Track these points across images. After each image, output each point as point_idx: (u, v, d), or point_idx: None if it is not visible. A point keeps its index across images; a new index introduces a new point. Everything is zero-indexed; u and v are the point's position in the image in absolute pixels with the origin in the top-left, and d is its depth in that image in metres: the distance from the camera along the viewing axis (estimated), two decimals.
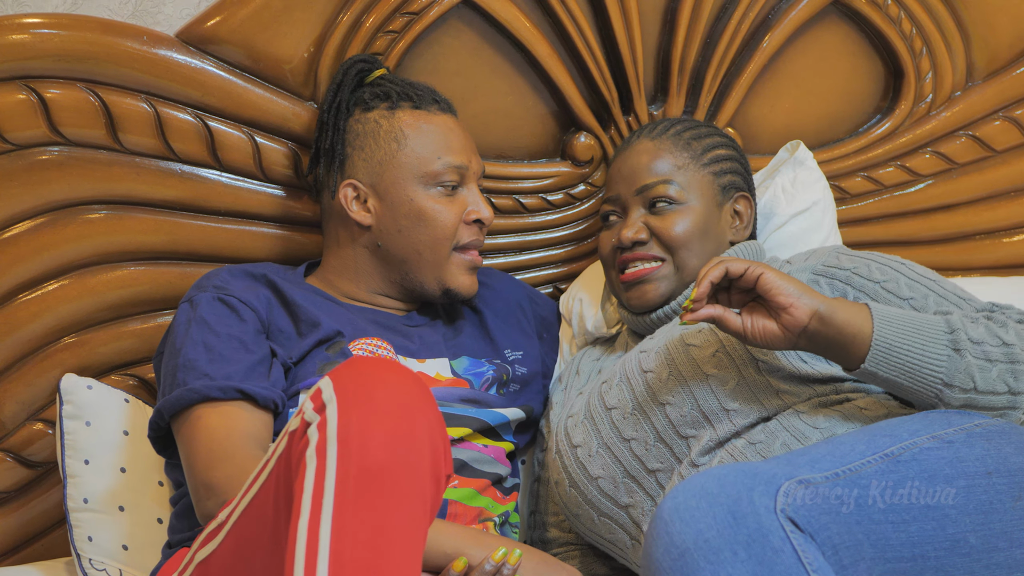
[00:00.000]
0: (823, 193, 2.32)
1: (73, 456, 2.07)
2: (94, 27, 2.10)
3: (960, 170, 2.55)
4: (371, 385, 1.51)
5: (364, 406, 1.49)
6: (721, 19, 2.38)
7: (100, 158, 2.13)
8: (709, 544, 1.42)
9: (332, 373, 1.54)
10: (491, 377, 2.08)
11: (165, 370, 1.94)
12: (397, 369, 1.55)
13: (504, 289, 2.26)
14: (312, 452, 1.47)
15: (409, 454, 1.48)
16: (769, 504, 1.44)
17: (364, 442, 1.46)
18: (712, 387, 1.81)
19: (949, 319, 1.69)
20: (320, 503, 1.44)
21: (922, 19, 2.45)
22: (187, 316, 1.96)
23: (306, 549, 1.42)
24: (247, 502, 1.59)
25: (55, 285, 2.13)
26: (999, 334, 1.69)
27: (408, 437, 1.48)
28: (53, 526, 2.20)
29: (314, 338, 1.97)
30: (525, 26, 2.29)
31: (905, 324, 1.67)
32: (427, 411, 1.52)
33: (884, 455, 1.54)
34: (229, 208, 2.20)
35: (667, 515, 1.45)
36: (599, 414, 1.91)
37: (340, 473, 1.45)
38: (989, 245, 2.58)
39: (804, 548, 1.42)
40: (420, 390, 1.54)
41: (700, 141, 2.10)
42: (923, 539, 1.49)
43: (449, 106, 2.14)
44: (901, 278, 1.86)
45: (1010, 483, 1.55)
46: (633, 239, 2.03)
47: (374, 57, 2.18)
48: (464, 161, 2.08)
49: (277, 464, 1.55)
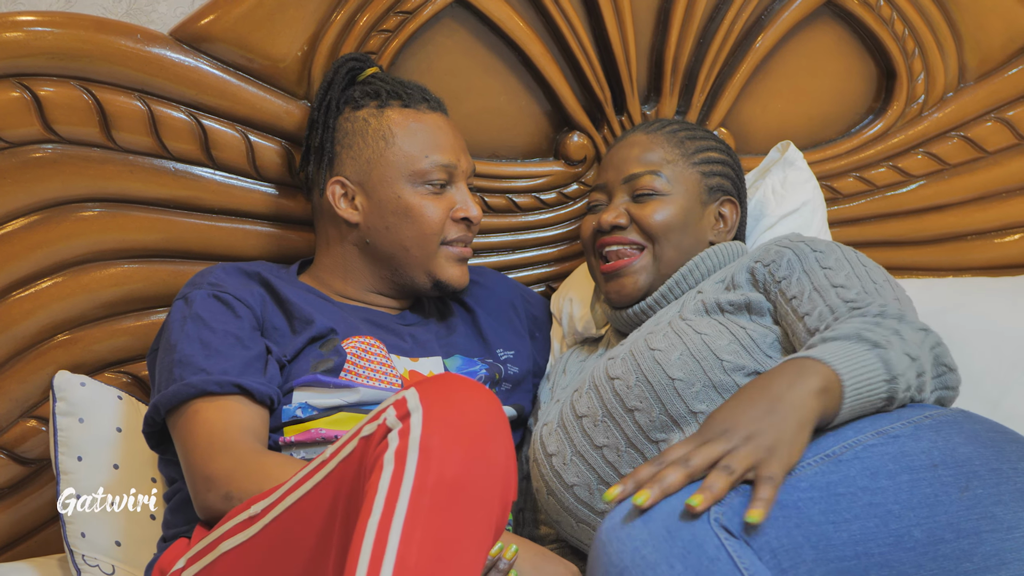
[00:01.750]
0: (813, 193, 2.32)
1: (66, 453, 2.07)
2: (88, 25, 2.10)
3: (952, 171, 2.55)
4: (457, 402, 1.53)
5: (448, 420, 1.50)
6: (714, 19, 2.39)
7: (94, 156, 2.13)
8: (646, 560, 1.42)
9: (419, 385, 1.55)
10: (483, 376, 2.09)
11: (160, 367, 1.94)
12: (481, 390, 1.57)
13: (497, 288, 2.26)
14: (391, 456, 1.48)
15: (485, 475, 1.50)
16: (703, 515, 1.44)
17: (444, 455, 1.48)
18: (678, 390, 1.82)
19: (881, 354, 1.62)
20: (393, 505, 1.45)
21: (914, 20, 2.46)
22: (182, 313, 1.96)
23: (373, 548, 1.43)
24: (294, 499, 1.60)
25: (49, 283, 2.14)
26: (907, 350, 1.64)
27: (485, 458, 1.50)
28: (46, 523, 2.20)
29: (307, 335, 1.98)
30: (518, 25, 2.30)
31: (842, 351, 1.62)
32: (503, 436, 1.54)
33: (824, 456, 1.53)
34: (223, 206, 2.21)
35: (604, 536, 1.46)
36: (570, 422, 1.92)
37: (418, 480, 1.46)
38: (981, 246, 2.59)
39: (739, 554, 1.42)
40: (499, 414, 1.55)
41: (694, 142, 2.12)
42: (865, 537, 1.49)
43: (439, 105, 2.14)
44: (836, 250, 1.87)
45: (957, 474, 1.54)
46: (612, 223, 2.05)
47: (366, 56, 2.18)
48: (452, 160, 2.08)
49: (341, 466, 1.56)
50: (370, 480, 1.49)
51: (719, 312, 1.90)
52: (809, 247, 1.90)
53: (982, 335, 2.32)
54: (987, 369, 2.29)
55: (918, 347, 1.66)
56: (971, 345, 2.25)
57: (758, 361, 1.82)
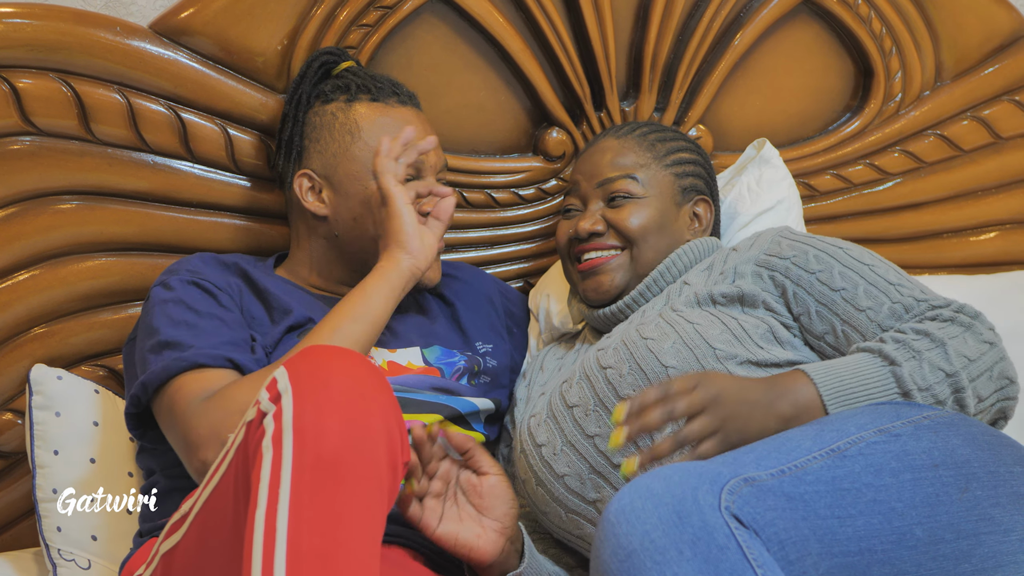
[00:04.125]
0: (788, 191, 2.33)
1: (42, 447, 2.06)
2: (67, 17, 2.09)
3: (928, 169, 2.57)
4: (326, 374, 1.51)
5: (319, 395, 1.49)
6: (693, 16, 2.39)
7: (72, 148, 2.13)
8: (655, 544, 1.42)
9: (288, 362, 1.54)
10: (462, 367, 2.09)
11: (140, 353, 1.92)
12: (352, 357, 1.55)
13: (475, 283, 2.26)
14: (268, 442, 1.48)
15: (364, 443, 1.48)
16: (713, 502, 1.44)
17: (319, 432, 1.47)
18: (672, 378, 1.82)
19: (896, 371, 1.69)
20: (276, 493, 1.45)
21: (892, 19, 2.47)
22: (162, 297, 1.94)
23: (263, 539, 1.43)
24: (208, 493, 1.59)
25: (26, 275, 2.13)
26: (942, 366, 1.69)
27: (363, 426, 1.49)
28: (21, 516, 2.19)
29: (286, 324, 1.97)
30: (498, 21, 2.30)
31: (851, 385, 1.69)
32: (382, 399, 1.53)
33: (830, 450, 1.55)
34: (201, 200, 2.20)
35: (613, 517, 1.46)
36: (561, 412, 1.92)
37: (296, 463, 1.45)
38: (956, 244, 2.60)
39: (749, 544, 1.43)
40: (375, 378, 1.54)
41: (664, 144, 2.13)
42: (869, 533, 1.50)
43: (411, 99, 2.13)
44: (835, 266, 1.87)
45: (956, 475, 1.56)
46: (590, 230, 2.06)
47: (342, 50, 2.18)
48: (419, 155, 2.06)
49: (236, 455, 1.55)
50: (254, 470, 1.48)
51: (711, 304, 1.90)
52: (842, 249, 1.91)
53: None
54: None
55: (967, 361, 1.70)
56: None
57: (750, 350, 1.83)
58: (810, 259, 1.89)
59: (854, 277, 1.86)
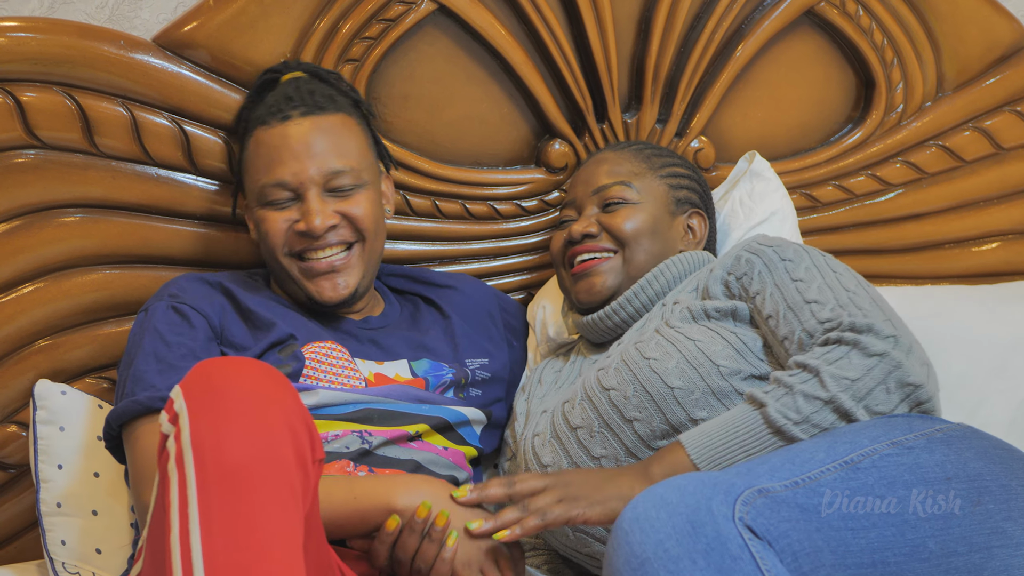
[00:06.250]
0: (782, 202, 2.34)
1: (47, 461, 2.07)
2: (71, 31, 2.10)
3: (930, 180, 2.57)
4: (220, 386, 1.50)
5: (215, 409, 1.48)
6: (695, 28, 2.40)
7: (76, 161, 2.13)
8: (669, 553, 1.42)
9: (182, 381, 1.53)
10: (449, 380, 2.09)
11: (119, 379, 1.95)
12: (247, 364, 1.54)
13: (475, 295, 2.27)
14: (172, 465, 1.47)
15: (268, 447, 1.47)
16: (727, 512, 1.45)
17: (219, 444, 1.46)
18: (678, 399, 1.83)
19: (763, 412, 1.68)
20: (187, 514, 1.44)
21: (893, 30, 2.48)
22: (141, 326, 1.97)
23: (181, 563, 1.42)
24: (149, 521, 1.58)
25: (30, 288, 2.13)
26: (817, 394, 1.67)
27: (264, 430, 1.48)
28: (25, 529, 2.20)
29: (267, 341, 1.98)
30: (500, 33, 2.30)
31: (720, 442, 1.70)
32: (282, 399, 1.52)
33: (843, 462, 1.55)
34: (204, 213, 2.21)
35: (627, 525, 1.46)
36: (564, 434, 1.92)
37: (200, 480, 1.45)
38: (958, 254, 2.60)
39: (762, 555, 1.43)
40: (272, 380, 1.53)
41: (660, 158, 2.16)
42: (883, 545, 1.50)
43: (298, 106, 2.06)
44: (805, 259, 1.87)
45: (969, 488, 1.56)
46: (583, 232, 2.08)
47: (283, 64, 2.17)
48: (286, 177, 2.02)
49: (159, 479, 1.54)
50: (166, 495, 1.47)
51: (706, 318, 1.90)
52: (778, 255, 1.89)
53: (959, 343, 2.34)
54: (964, 377, 2.30)
55: (849, 382, 1.67)
56: (948, 353, 2.26)
57: (753, 365, 1.83)
58: (787, 249, 1.90)
59: (816, 274, 1.85)
